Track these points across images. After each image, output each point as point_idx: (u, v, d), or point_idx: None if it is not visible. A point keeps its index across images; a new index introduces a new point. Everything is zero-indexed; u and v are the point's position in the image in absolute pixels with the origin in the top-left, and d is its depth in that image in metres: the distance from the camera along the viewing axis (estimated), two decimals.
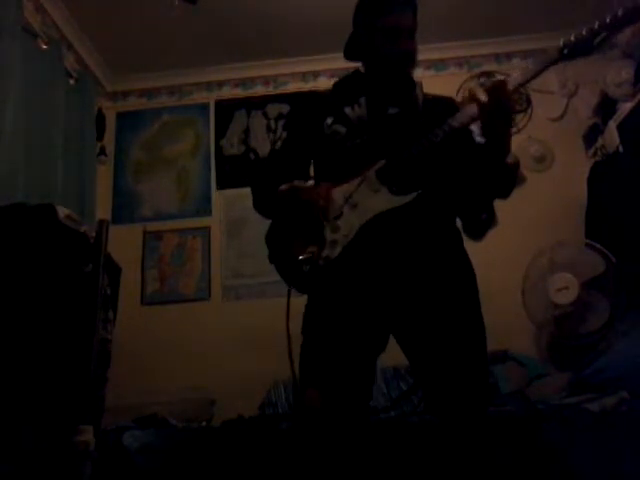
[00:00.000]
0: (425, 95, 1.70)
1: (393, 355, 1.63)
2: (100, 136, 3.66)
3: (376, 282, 1.54)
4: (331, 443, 1.49)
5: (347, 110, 1.63)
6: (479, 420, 1.48)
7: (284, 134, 1.80)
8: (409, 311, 1.53)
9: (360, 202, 1.53)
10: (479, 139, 1.55)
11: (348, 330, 1.53)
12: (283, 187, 1.61)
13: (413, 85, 1.70)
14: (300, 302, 1.60)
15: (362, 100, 1.63)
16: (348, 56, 1.75)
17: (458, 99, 3.29)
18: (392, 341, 1.62)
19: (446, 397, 1.48)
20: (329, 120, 1.64)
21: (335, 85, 1.79)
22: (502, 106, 1.42)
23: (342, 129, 1.62)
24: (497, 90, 1.42)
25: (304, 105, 1.82)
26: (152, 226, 3.63)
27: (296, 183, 1.61)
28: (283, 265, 1.59)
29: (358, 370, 1.54)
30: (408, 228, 1.54)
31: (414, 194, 1.50)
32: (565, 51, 1.42)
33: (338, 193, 1.56)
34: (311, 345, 1.57)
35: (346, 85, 1.75)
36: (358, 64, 1.75)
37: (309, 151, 1.73)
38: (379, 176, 1.53)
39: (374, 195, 1.52)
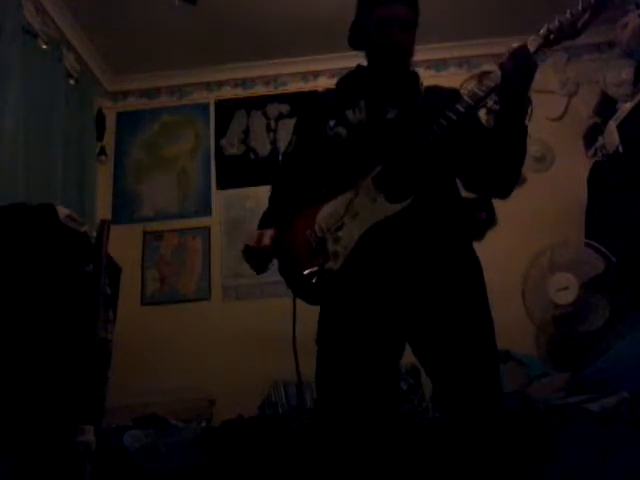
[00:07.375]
0: (427, 88, 1.69)
1: None
2: (100, 136, 3.66)
3: (382, 289, 1.54)
4: (349, 448, 1.49)
5: (348, 113, 1.64)
6: (491, 421, 1.49)
7: (294, 138, 1.80)
8: (419, 314, 1.53)
9: (360, 211, 1.53)
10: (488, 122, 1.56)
11: (363, 338, 1.53)
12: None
13: (414, 78, 1.70)
14: (303, 305, 1.60)
15: (362, 103, 1.63)
16: (352, 44, 1.75)
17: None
18: None
19: (459, 397, 1.48)
20: (332, 122, 1.65)
21: (338, 83, 1.79)
22: (524, 65, 1.45)
23: (343, 131, 1.63)
24: (519, 50, 1.46)
25: (309, 108, 1.84)
26: (152, 226, 3.63)
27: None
28: (291, 279, 1.60)
29: (377, 376, 1.53)
30: (407, 234, 1.53)
31: (409, 200, 1.49)
32: (551, 36, 1.47)
33: (332, 207, 1.57)
34: (327, 354, 1.58)
35: (349, 83, 1.75)
36: (362, 54, 1.74)
37: (319, 156, 1.72)
38: (376, 183, 1.52)
39: (372, 203, 1.52)
